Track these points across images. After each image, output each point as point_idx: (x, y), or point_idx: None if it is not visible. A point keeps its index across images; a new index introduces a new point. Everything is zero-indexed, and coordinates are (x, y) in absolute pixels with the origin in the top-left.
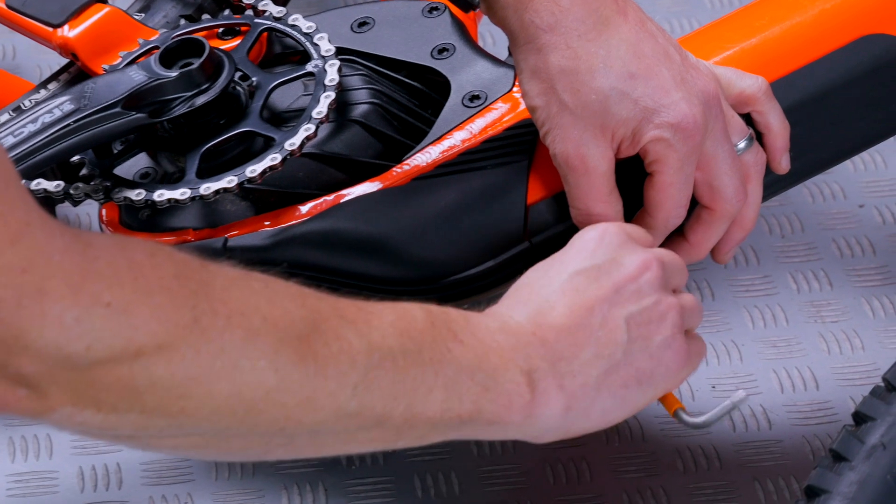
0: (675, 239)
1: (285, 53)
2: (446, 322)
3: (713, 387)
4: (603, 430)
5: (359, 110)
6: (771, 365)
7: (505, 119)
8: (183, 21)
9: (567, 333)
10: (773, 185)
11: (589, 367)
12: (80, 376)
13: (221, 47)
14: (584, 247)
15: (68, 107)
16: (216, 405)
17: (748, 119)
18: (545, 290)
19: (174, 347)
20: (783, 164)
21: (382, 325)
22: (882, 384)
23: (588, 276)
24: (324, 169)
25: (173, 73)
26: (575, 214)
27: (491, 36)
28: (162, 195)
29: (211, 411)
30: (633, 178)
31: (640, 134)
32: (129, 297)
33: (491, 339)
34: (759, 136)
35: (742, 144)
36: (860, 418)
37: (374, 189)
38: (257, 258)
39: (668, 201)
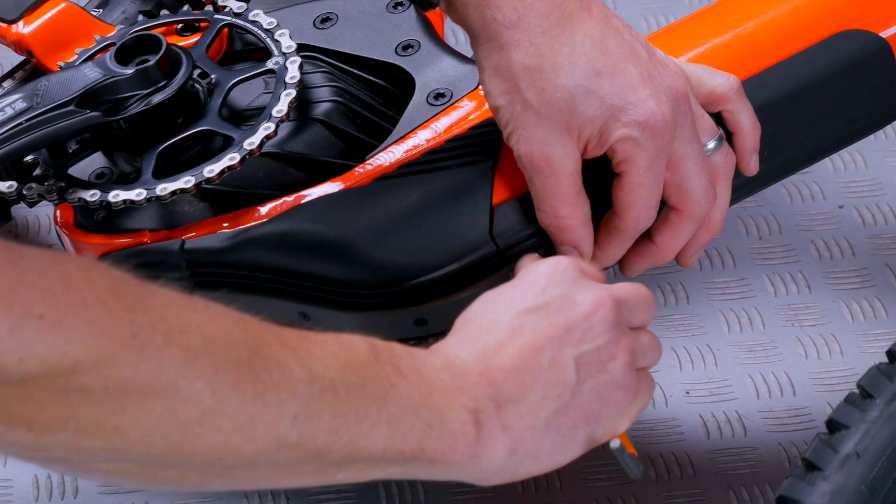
0: (640, 241)
1: (246, 50)
2: (390, 357)
3: (687, 392)
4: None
5: (321, 108)
6: (747, 370)
7: (470, 118)
8: (141, 17)
9: (515, 374)
10: (748, 184)
11: (537, 409)
12: (12, 391)
13: (180, 44)
14: (536, 283)
15: (20, 105)
16: (150, 424)
17: (718, 119)
18: (494, 328)
19: (111, 363)
20: (752, 166)
21: (325, 355)
22: (857, 391)
23: (539, 315)
24: (284, 169)
25: (129, 71)
26: (541, 217)
27: (454, 35)
28: (117, 196)
29: (145, 431)
30: (600, 179)
31: (608, 133)
32: (62, 309)
33: (436, 378)
34: (728, 137)
35: (711, 145)
36: (834, 426)
37: (336, 189)
38: (215, 260)
39: (638, 202)
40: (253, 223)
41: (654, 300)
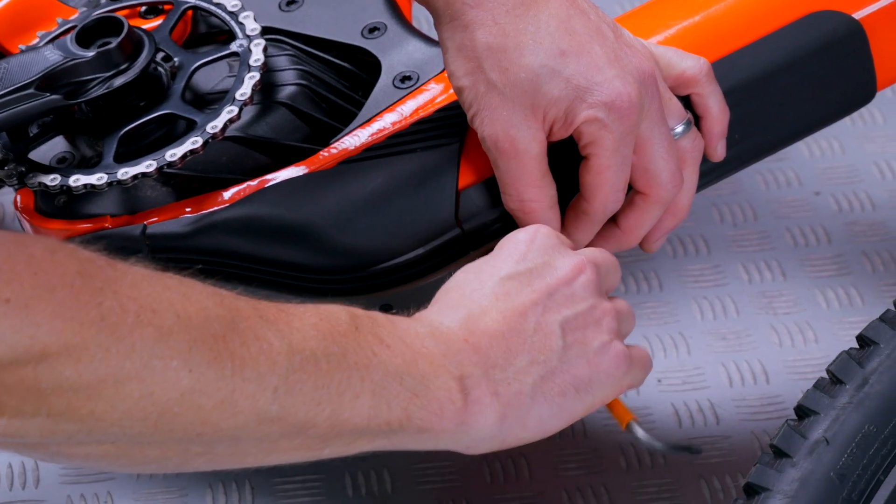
0: (605, 225)
1: (210, 33)
2: (372, 326)
3: (659, 380)
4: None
5: (285, 92)
6: (720, 358)
7: (437, 100)
8: None
9: (500, 340)
10: (720, 168)
11: (524, 375)
12: None
13: (143, 27)
14: (516, 250)
15: None
16: (127, 407)
17: (687, 102)
18: (476, 294)
19: (82, 347)
20: (719, 151)
21: (304, 326)
22: (826, 376)
23: (520, 281)
24: (248, 153)
25: (90, 53)
26: (506, 200)
27: (424, 19)
28: (78, 180)
29: (122, 414)
30: (567, 162)
31: (574, 114)
32: (28, 293)
33: (420, 345)
34: (696, 121)
35: (679, 129)
36: (803, 412)
37: (300, 174)
38: (178, 245)
39: (606, 185)
40: (216, 208)
41: (618, 264)
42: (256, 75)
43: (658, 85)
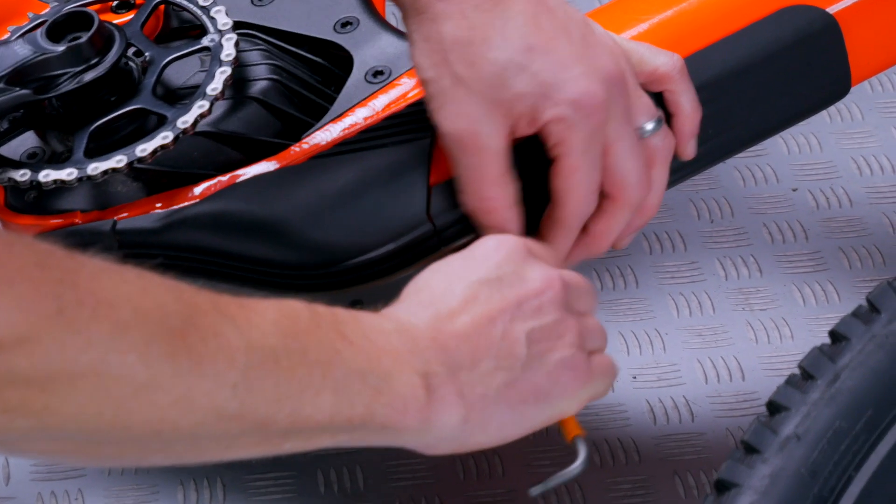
0: None
1: (183, 28)
2: (334, 322)
3: (634, 377)
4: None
5: (257, 87)
6: (695, 354)
7: (409, 95)
8: None
9: (468, 342)
10: (695, 163)
11: (489, 378)
12: None
13: (115, 21)
14: (489, 257)
15: None
16: (82, 402)
17: (658, 100)
18: (447, 296)
19: (37, 340)
20: (689, 150)
21: (264, 322)
22: (798, 372)
23: (491, 287)
24: (220, 148)
25: (60, 48)
26: (466, 199)
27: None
28: (48, 176)
29: (76, 409)
30: (534, 169)
31: (540, 112)
32: None
33: (384, 341)
34: (668, 118)
35: (650, 126)
36: (774, 408)
37: (271, 169)
38: (148, 241)
39: (577, 188)
40: (186, 203)
41: (594, 291)
42: (228, 70)
43: (626, 85)
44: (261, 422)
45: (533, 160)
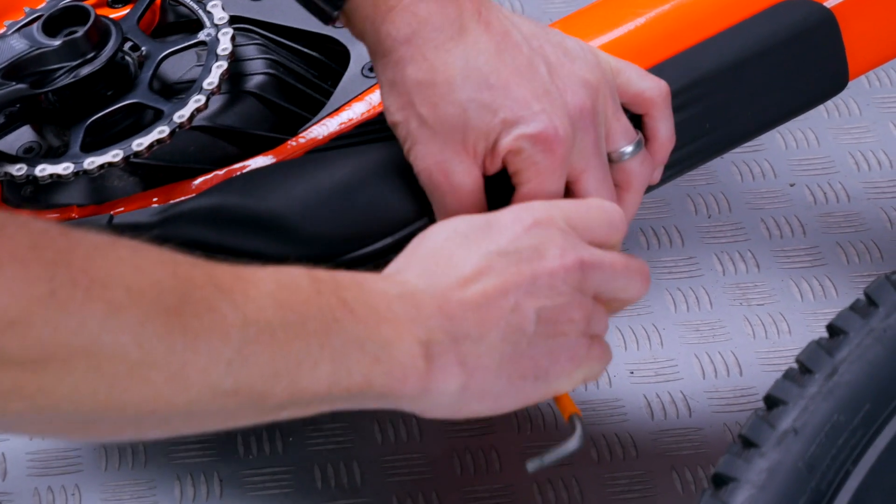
0: None
1: (179, 23)
2: (335, 289)
3: (631, 372)
4: (501, 416)
5: (253, 81)
6: (693, 350)
7: None
8: None
9: (476, 311)
10: (691, 157)
11: (492, 350)
12: None
13: (111, 16)
14: (513, 227)
15: None
16: (75, 382)
17: (637, 122)
18: (460, 262)
19: (28, 322)
20: (655, 176)
21: (261, 295)
22: (795, 366)
23: (508, 259)
24: (216, 143)
25: (56, 42)
26: None
27: None
28: (44, 170)
29: (70, 389)
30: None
31: (498, 145)
32: None
33: (386, 308)
34: None
35: (629, 149)
36: (772, 402)
37: (268, 163)
38: (144, 236)
39: None
40: (183, 198)
41: (645, 276)
42: (224, 64)
43: (595, 118)
44: (257, 395)
45: (505, 192)
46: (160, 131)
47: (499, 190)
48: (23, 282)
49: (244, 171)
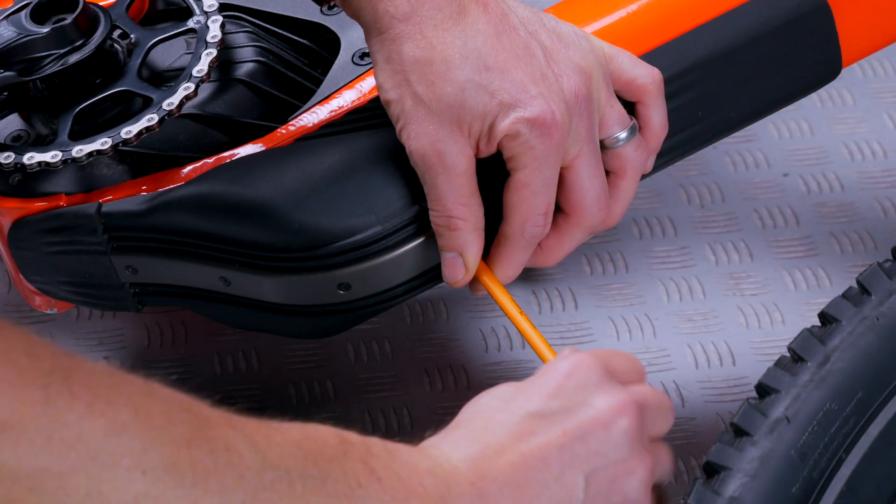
0: None
1: (169, 10)
2: (364, 454)
3: None
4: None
5: (243, 69)
6: (686, 339)
7: None
8: None
9: (512, 489)
10: (684, 144)
11: None
12: None
13: (99, 3)
14: (552, 381)
15: None
16: None
17: (630, 110)
18: (499, 429)
19: (21, 428)
20: (648, 165)
21: (285, 442)
22: (787, 354)
23: (550, 420)
24: (205, 131)
25: (44, 29)
26: (433, 216)
27: None
28: (32, 158)
29: None
30: (499, 187)
31: (495, 128)
32: None
33: (417, 483)
34: None
35: (623, 135)
36: (763, 390)
37: (257, 151)
38: (133, 224)
39: (524, 204)
40: (172, 186)
41: (672, 408)
42: (213, 52)
43: (590, 104)
44: None
45: (497, 180)
46: (149, 119)
47: (491, 175)
48: (16, 385)
49: (233, 158)
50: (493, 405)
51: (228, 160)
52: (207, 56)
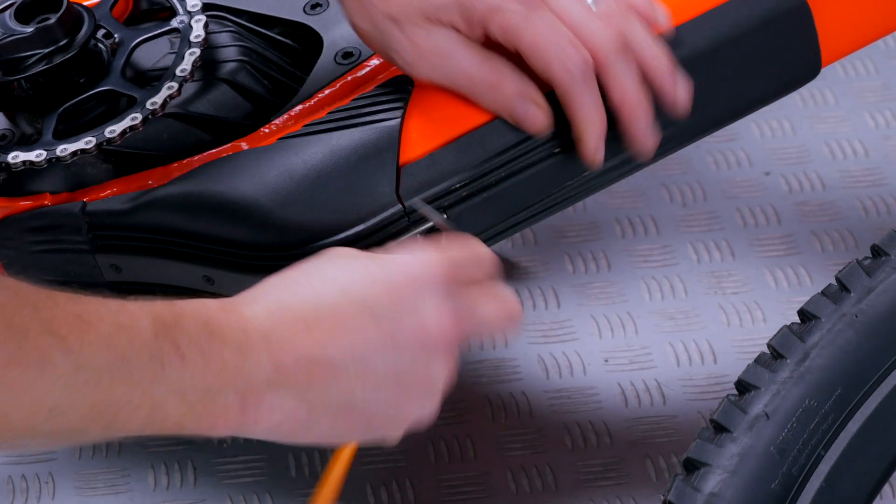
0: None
1: (152, 10)
2: (173, 334)
3: (606, 360)
4: (474, 404)
5: (226, 68)
6: (667, 338)
7: (378, 77)
8: None
9: (311, 364)
10: (666, 144)
11: (319, 402)
12: None
13: (83, 3)
14: (391, 279)
15: None
16: None
17: None
18: (318, 302)
19: None
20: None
21: (97, 339)
22: (767, 351)
23: (374, 316)
24: (189, 130)
25: (28, 29)
26: (488, 104)
27: None
28: (16, 157)
29: None
30: None
31: (471, 17)
32: None
33: (216, 354)
34: None
35: None
36: (743, 387)
37: (241, 150)
38: (117, 222)
39: (547, 51)
40: (156, 185)
41: (514, 320)
42: (197, 51)
43: None
44: (73, 433)
45: None
46: (133, 118)
47: None
48: None
49: (217, 157)
50: (328, 276)
51: (212, 159)
52: (191, 56)
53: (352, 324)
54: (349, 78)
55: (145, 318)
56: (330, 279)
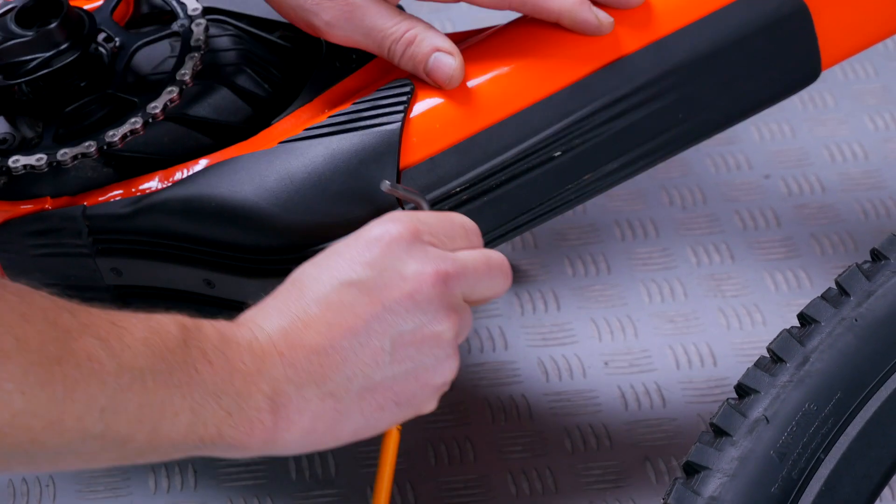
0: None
1: (153, 14)
2: (199, 339)
3: (606, 363)
4: (474, 406)
5: (227, 72)
6: (667, 341)
7: (378, 80)
8: None
9: (319, 355)
10: (666, 147)
11: (341, 390)
12: None
13: (85, 7)
14: (365, 251)
15: None
16: None
17: None
18: (309, 299)
19: None
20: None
21: (135, 342)
22: (767, 355)
23: (359, 289)
24: (189, 133)
25: (30, 33)
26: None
27: None
28: (17, 161)
29: None
30: None
31: None
32: None
33: (238, 360)
34: None
35: None
36: (743, 391)
37: (241, 154)
38: (118, 226)
39: None
40: (157, 188)
41: (504, 271)
42: (197, 56)
43: None
44: (122, 440)
45: None
46: (133, 122)
47: None
48: None
49: (218, 161)
50: (308, 275)
51: (213, 163)
52: (191, 60)
53: (341, 306)
54: (349, 81)
55: (172, 324)
56: (314, 277)
